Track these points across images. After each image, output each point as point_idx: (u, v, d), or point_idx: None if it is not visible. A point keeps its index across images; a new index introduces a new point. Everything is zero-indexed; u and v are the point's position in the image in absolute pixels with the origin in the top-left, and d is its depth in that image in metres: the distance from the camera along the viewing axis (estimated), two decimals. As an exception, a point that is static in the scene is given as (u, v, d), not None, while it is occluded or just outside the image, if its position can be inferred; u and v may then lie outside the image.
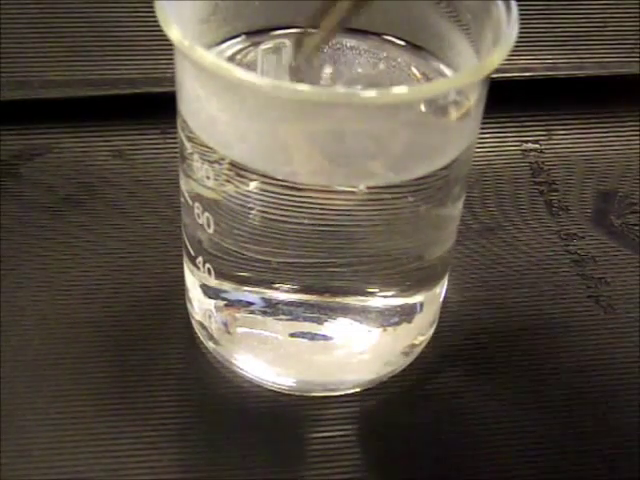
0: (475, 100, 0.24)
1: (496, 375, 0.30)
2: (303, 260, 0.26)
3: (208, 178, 0.25)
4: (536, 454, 0.28)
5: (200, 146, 0.24)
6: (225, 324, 0.28)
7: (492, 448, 0.28)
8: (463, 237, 0.33)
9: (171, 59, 0.25)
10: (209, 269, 0.27)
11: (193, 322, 0.30)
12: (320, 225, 0.25)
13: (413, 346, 0.29)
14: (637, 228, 0.35)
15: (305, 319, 0.27)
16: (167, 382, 0.29)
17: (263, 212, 0.24)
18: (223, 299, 0.27)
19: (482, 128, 0.26)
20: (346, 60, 0.28)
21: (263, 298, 0.27)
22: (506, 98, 0.36)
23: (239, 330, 0.28)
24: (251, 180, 0.24)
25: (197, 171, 0.25)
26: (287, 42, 0.28)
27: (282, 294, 0.26)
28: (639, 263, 0.33)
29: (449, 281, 0.30)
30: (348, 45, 0.28)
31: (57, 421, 0.27)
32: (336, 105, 0.22)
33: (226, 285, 0.27)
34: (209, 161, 0.24)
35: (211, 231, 0.26)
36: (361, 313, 0.27)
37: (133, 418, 0.28)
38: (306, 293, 0.26)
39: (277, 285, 0.26)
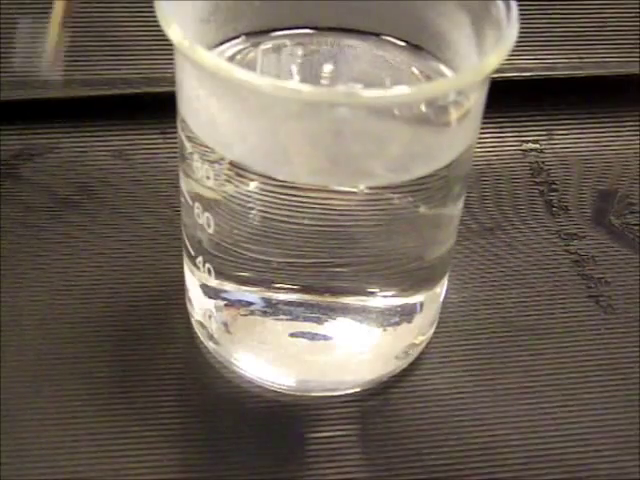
0: (475, 100, 0.24)
1: (496, 375, 0.30)
2: (303, 260, 0.26)
3: (208, 178, 0.25)
4: (536, 454, 0.28)
5: (200, 146, 0.24)
6: (225, 324, 0.28)
7: (492, 448, 0.28)
8: (463, 237, 0.33)
9: (171, 59, 0.25)
10: (209, 269, 0.27)
11: (193, 322, 0.30)
12: (320, 225, 0.25)
13: (413, 346, 0.29)
14: (637, 228, 0.35)
15: (305, 319, 0.27)
16: (167, 382, 0.29)
17: (263, 212, 0.25)
18: (223, 299, 0.27)
19: (482, 128, 0.26)
20: (346, 60, 0.28)
21: (263, 298, 0.27)
22: (506, 98, 0.36)
23: (239, 330, 0.28)
24: (251, 180, 0.24)
25: (197, 171, 0.25)
26: (287, 42, 0.28)
27: (282, 294, 0.26)
28: (639, 263, 0.33)
29: (449, 281, 0.30)
30: (348, 45, 0.28)
31: (57, 421, 0.27)
32: (336, 105, 0.22)
33: (226, 285, 0.27)
34: (209, 161, 0.24)
35: (211, 231, 0.26)
36: (361, 313, 0.27)
37: (133, 418, 0.28)
38: (306, 293, 0.26)
39: (277, 285, 0.26)
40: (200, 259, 0.27)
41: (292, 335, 0.27)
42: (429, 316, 0.29)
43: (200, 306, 0.29)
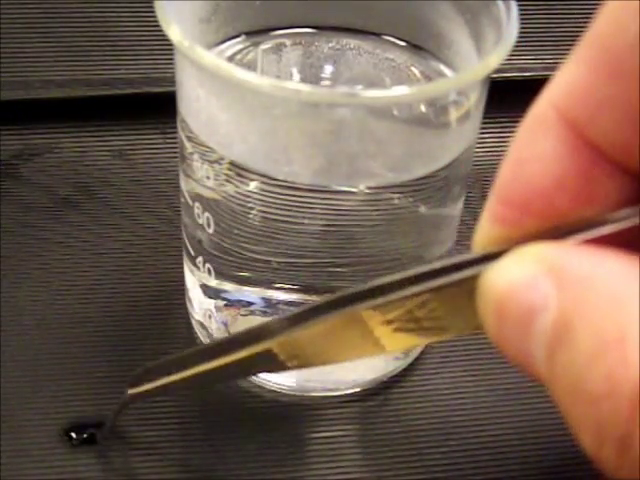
0: (475, 100, 0.24)
1: (496, 375, 0.30)
2: (303, 260, 0.26)
3: (208, 178, 0.25)
4: (537, 454, 0.28)
5: (200, 146, 0.24)
6: (225, 324, 0.28)
7: (493, 448, 0.28)
8: (463, 237, 0.33)
9: (171, 59, 0.25)
10: (209, 269, 0.27)
11: (193, 322, 0.30)
12: (320, 225, 0.25)
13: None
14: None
15: (305, 319, 0.27)
16: (167, 382, 0.29)
17: (263, 212, 0.25)
18: (223, 299, 0.27)
19: (482, 128, 0.26)
20: (346, 60, 0.28)
21: (263, 298, 0.27)
22: (506, 98, 0.36)
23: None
24: (251, 180, 0.24)
25: (197, 171, 0.25)
26: (287, 42, 0.28)
27: (282, 294, 0.26)
28: (639, 263, 0.33)
29: (449, 281, 0.30)
30: (348, 45, 0.28)
31: (57, 421, 0.27)
32: (336, 105, 0.22)
33: (226, 285, 0.27)
34: (209, 161, 0.24)
35: (211, 231, 0.26)
36: (361, 313, 0.27)
37: (133, 418, 0.27)
38: (306, 293, 0.26)
39: (277, 285, 0.26)
40: (200, 259, 0.27)
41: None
42: (429, 316, 0.29)
43: (200, 306, 0.29)
